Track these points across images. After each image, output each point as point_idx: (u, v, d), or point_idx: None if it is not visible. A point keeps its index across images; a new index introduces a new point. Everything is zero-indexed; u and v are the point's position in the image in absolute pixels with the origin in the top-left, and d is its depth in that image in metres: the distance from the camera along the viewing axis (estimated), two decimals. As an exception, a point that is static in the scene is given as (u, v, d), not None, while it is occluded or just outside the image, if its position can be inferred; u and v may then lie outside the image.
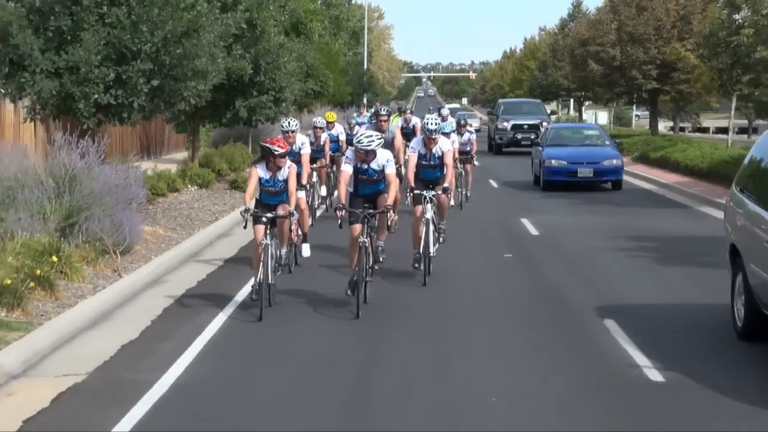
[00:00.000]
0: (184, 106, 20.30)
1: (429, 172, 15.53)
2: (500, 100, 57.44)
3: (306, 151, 17.02)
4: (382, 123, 19.37)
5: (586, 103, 73.21)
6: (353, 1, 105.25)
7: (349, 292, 13.23)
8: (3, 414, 8.90)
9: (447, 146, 15.48)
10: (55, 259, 13.48)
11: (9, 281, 12.12)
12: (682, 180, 30.28)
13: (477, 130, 75.88)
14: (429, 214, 15.17)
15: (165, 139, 39.13)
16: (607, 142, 31.25)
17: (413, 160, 15.25)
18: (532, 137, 42.48)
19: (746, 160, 12.19)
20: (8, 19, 18.57)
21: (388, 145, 17.64)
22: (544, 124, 45.39)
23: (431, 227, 15.20)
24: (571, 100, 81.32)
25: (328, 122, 23.02)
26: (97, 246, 15.41)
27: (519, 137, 48.16)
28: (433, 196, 15.26)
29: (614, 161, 29.41)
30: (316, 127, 21.59)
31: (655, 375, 10.00)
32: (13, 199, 15.68)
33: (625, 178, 30.85)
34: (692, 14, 44.34)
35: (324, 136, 21.78)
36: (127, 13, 18.73)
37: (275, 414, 8.93)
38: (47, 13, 18.76)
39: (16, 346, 10.64)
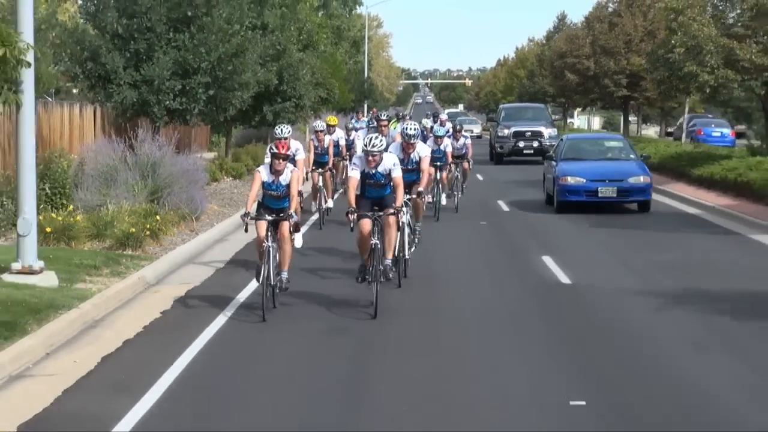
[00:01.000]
0: (232, 111, 25.90)
1: (406, 176, 15.39)
2: (501, 106, 53.23)
3: (300, 157, 18.01)
4: (383, 128, 20.47)
5: (578, 109, 78.59)
6: (354, 12, 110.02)
7: (359, 278, 13.59)
8: (156, 301, 14.41)
9: (424, 152, 15.82)
10: (158, 218, 19.00)
11: (133, 230, 17.68)
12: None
13: (478, 137, 72.51)
14: (405, 218, 15.27)
15: (191, 140, 44.72)
16: (632, 156, 26.80)
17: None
18: (535, 145, 42.60)
19: None
20: (98, 44, 24.17)
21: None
22: (548, 130, 44.11)
23: (407, 230, 15.50)
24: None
25: (329, 125, 23.15)
26: (179, 213, 20.93)
27: (521, 145, 44.36)
28: (408, 199, 15.60)
29: (641, 178, 24.98)
30: (317, 131, 22.23)
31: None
32: (114, 180, 21.21)
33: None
34: (657, 30, 49.62)
35: (327, 139, 22.39)
36: (189, 39, 24.33)
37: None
38: (128, 38, 24.35)
39: (149, 269, 16.18)
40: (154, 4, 24.19)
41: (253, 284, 14.50)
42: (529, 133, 44.27)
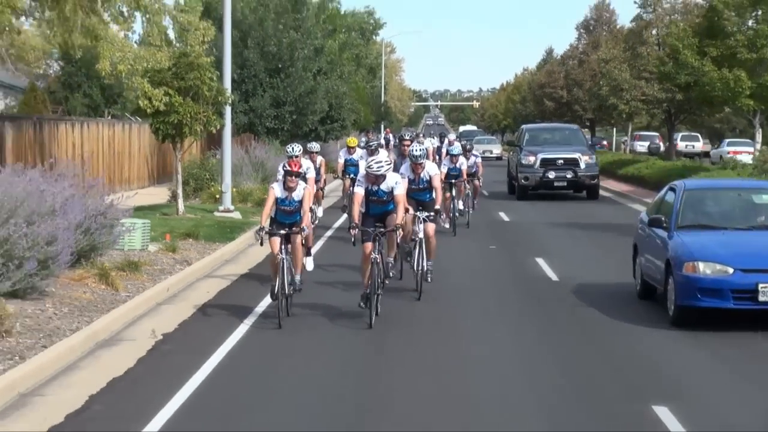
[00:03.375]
0: (306, 130, 39.38)
1: (417, 194, 16.26)
2: (524, 126, 42.07)
3: (311, 175, 18.68)
4: (405, 148, 20.46)
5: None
6: (370, 41, 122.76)
7: (362, 304, 13.84)
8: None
9: (434, 170, 16.22)
10: (275, 190, 32.42)
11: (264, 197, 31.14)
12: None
13: (498, 158, 71.70)
14: (421, 234, 15.91)
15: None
16: None
17: (404, 184, 14.91)
18: (569, 176, 34.86)
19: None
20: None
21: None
22: (585, 157, 35.31)
23: (423, 247, 15.98)
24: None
25: (349, 147, 24.86)
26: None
27: (551, 177, 35.19)
28: (426, 217, 16.03)
29: None
30: (310, 153, 22.66)
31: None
32: (240, 170, 34.51)
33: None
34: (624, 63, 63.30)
35: (319, 160, 23.42)
36: (280, 82, 37.81)
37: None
38: (240, 82, 37.82)
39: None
40: (257, 59, 37.65)
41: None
42: (561, 161, 35.10)
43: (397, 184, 14.13)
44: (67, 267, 14.81)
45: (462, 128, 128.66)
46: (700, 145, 63.19)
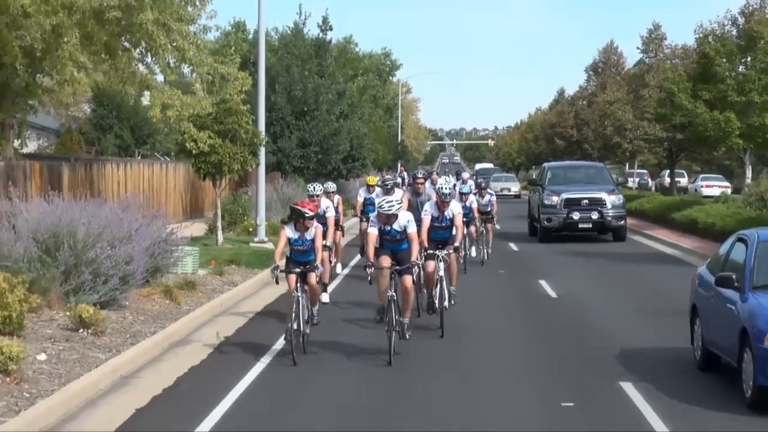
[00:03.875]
0: (329, 168, 42.25)
1: (440, 233, 16.35)
2: (546, 165, 40.51)
3: (331, 214, 18.56)
4: (419, 185, 20.19)
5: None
6: (387, 82, 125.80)
7: (377, 318, 14.56)
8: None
9: (457, 209, 16.40)
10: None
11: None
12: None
13: (516, 196, 73.99)
14: (441, 272, 16.04)
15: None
16: None
17: (426, 222, 16.01)
18: (594, 217, 33.24)
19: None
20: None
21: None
22: (611, 197, 33.74)
23: (444, 283, 16.10)
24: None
25: (369, 185, 25.47)
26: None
27: (575, 218, 33.65)
28: (445, 254, 16.18)
29: None
30: (328, 193, 21.11)
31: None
32: (270, 205, 37.34)
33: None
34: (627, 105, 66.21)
35: (336, 199, 22.03)
36: (306, 124, 40.73)
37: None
38: (268, 124, 40.77)
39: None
40: (285, 103, 40.63)
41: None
42: (586, 201, 33.66)
43: (409, 222, 14.35)
44: (139, 285, 17.61)
45: (478, 166, 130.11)
46: (685, 181, 69.11)
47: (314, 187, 18.25)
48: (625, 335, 16.12)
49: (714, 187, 57.15)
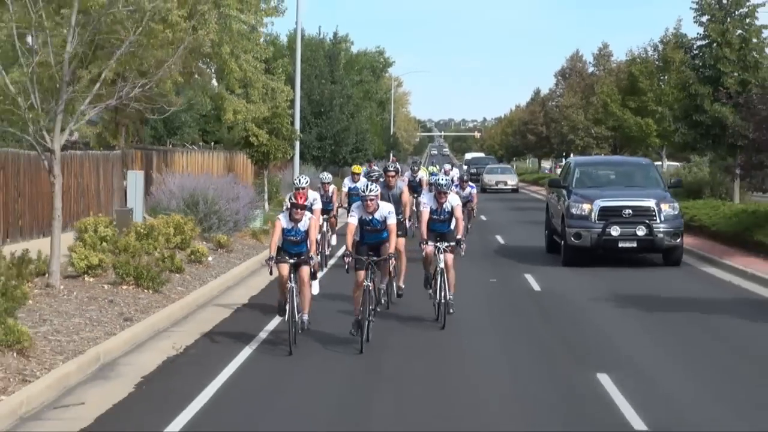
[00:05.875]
0: (341, 157, 53.00)
1: (439, 226, 16.31)
2: (572, 159, 31.11)
3: (317, 207, 19.31)
4: (390, 179, 19.96)
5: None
6: (380, 78, 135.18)
7: (353, 331, 14.36)
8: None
9: (456, 201, 16.25)
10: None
11: (317, 203, 44.81)
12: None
13: (513, 190, 66.59)
14: (442, 265, 15.88)
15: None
16: None
17: (425, 215, 16.06)
18: (641, 233, 23.97)
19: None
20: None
21: (396, 199, 19.05)
22: (665, 206, 24.37)
23: (445, 277, 15.89)
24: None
25: (354, 174, 25.87)
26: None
27: (614, 234, 24.20)
28: (446, 248, 15.90)
29: None
30: (323, 183, 23.52)
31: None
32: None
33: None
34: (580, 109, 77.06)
35: (331, 188, 23.78)
36: (324, 122, 51.48)
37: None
38: (300, 121, 51.56)
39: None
40: (306, 105, 51.40)
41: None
42: (629, 212, 24.37)
43: (390, 213, 14.69)
44: (240, 229, 28.23)
45: (468, 155, 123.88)
46: None
47: (300, 180, 17.02)
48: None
49: None
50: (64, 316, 15.20)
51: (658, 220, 24.13)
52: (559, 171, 48.81)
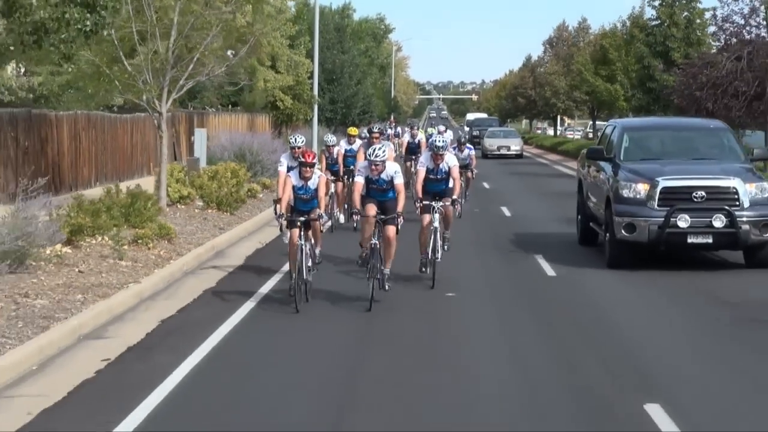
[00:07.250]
0: (350, 119, 60.35)
1: (436, 185, 16.34)
2: (619, 122, 21.69)
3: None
4: (374, 140, 21.18)
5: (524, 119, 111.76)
6: (381, 43, 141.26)
7: (359, 261, 15.02)
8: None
9: (453, 162, 16.34)
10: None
11: (332, 158, 52.29)
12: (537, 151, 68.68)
13: (517, 155, 59.34)
14: (436, 224, 15.99)
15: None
16: None
17: (422, 174, 16.21)
18: (718, 225, 17.28)
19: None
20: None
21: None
22: (747, 186, 17.55)
23: (438, 235, 16.05)
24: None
25: (350, 135, 25.40)
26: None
27: (683, 225, 17.31)
28: (441, 206, 16.12)
29: None
30: (327, 146, 23.23)
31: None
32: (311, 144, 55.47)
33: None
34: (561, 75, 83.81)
35: (336, 150, 23.30)
36: (335, 87, 58.85)
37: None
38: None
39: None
40: (320, 72, 58.57)
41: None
42: (703, 194, 17.51)
43: (396, 173, 14.50)
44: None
45: (470, 116, 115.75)
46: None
47: (295, 139, 16.77)
48: None
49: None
50: (180, 224, 22.57)
51: (741, 207, 17.39)
52: (578, 136, 58.44)
